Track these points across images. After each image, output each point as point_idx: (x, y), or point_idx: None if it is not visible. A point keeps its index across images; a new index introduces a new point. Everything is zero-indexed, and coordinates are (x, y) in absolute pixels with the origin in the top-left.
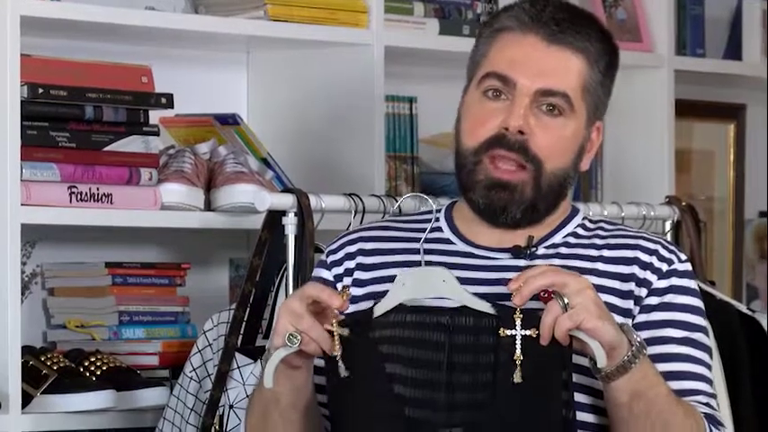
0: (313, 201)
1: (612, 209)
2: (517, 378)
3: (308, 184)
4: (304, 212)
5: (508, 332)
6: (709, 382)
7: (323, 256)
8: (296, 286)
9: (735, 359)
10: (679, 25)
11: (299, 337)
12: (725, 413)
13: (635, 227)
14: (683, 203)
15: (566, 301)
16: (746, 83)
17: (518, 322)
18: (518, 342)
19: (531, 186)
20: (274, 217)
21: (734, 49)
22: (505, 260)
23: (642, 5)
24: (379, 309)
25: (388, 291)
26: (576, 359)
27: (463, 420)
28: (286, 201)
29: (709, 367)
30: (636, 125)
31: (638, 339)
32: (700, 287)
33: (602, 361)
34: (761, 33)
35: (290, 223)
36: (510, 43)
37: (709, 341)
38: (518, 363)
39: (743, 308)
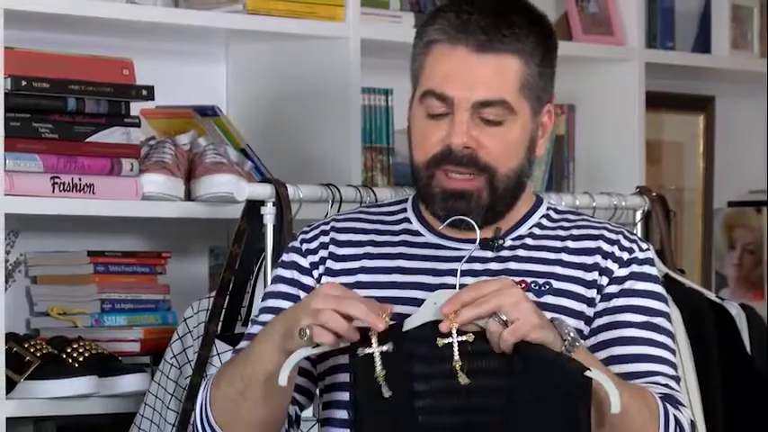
0: (291, 191)
1: (584, 199)
2: (463, 380)
3: (286, 175)
4: (282, 202)
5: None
6: (670, 364)
7: (295, 243)
8: None
9: (704, 346)
10: (649, 19)
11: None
12: (695, 400)
13: (606, 216)
14: (654, 194)
15: (504, 318)
16: (715, 75)
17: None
18: (456, 353)
19: (486, 191)
20: (253, 207)
21: (703, 43)
22: (474, 251)
23: None
24: (407, 325)
25: (358, 282)
26: None
27: None
28: (264, 191)
29: (671, 351)
30: (607, 117)
31: (570, 335)
32: (669, 275)
33: (616, 406)
34: (729, 27)
35: (268, 213)
36: (441, 57)
37: (671, 326)
38: (458, 367)
39: (712, 296)
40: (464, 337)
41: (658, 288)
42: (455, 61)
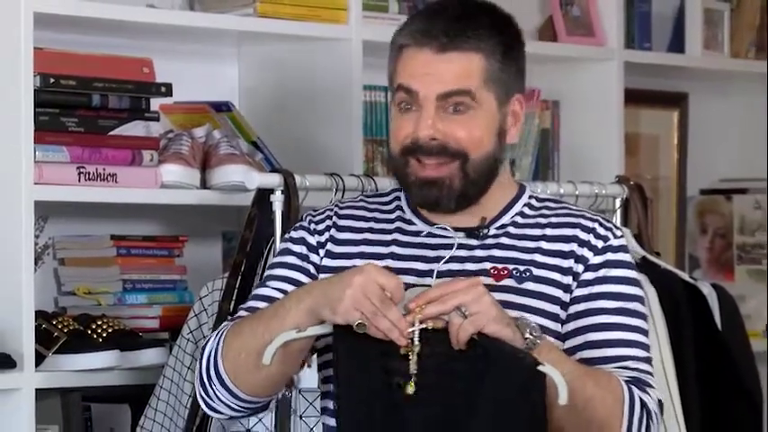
0: (298, 180)
1: (568, 187)
2: (413, 367)
3: (293, 165)
4: (290, 190)
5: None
6: (642, 346)
7: (304, 223)
8: None
9: (678, 323)
10: (628, 21)
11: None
12: (670, 374)
13: (587, 203)
14: (632, 182)
15: (465, 311)
16: (689, 74)
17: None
18: (416, 339)
19: (458, 177)
20: (263, 194)
21: (678, 43)
22: (461, 239)
23: (595, 3)
24: None
25: (354, 266)
26: None
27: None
28: (273, 180)
29: (643, 333)
30: (589, 112)
31: (533, 334)
32: (646, 258)
33: (563, 398)
34: (702, 29)
35: (277, 200)
36: (409, 59)
37: (645, 308)
38: (416, 351)
39: (686, 276)
40: (424, 325)
41: (632, 273)
42: (421, 62)
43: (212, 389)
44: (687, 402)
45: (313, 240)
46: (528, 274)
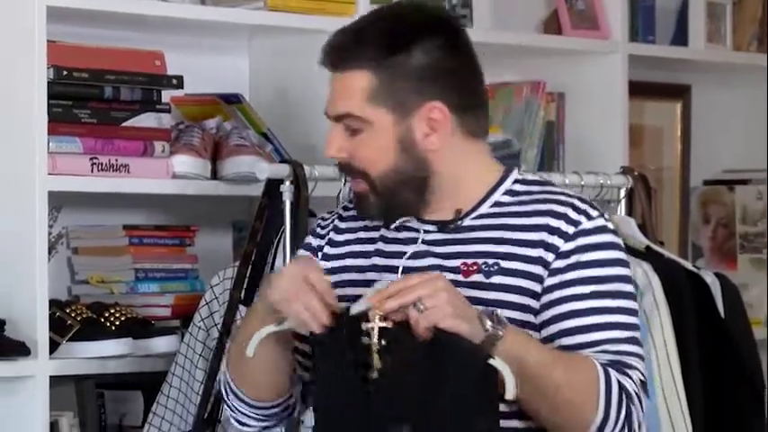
0: (307, 170)
1: (573, 178)
2: (377, 363)
3: (302, 156)
4: (299, 181)
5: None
6: (623, 327)
7: (313, 226)
8: (293, 246)
9: (682, 312)
10: (632, 14)
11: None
12: (674, 360)
13: (592, 193)
14: (636, 173)
15: (421, 307)
16: (692, 66)
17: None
18: (375, 336)
19: (372, 193)
20: (273, 185)
21: (681, 36)
22: (433, 233)
23: None
24: (353, 309)
25: (344, 266)
26: None
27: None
28: (283, 170)
29: (625, 312)
30: (594, 104)
31: (495, 326)
32: (650, 247)
33: (510, 393)
34: (705, 22)
35: (286, 190)
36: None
37: (629, 287)
38: (374, 349)
39: (689, 265)
40: (384, 323)
41: (611, 254)
42: (330, 81)
43: (231, 402)
44: (690, 389)
45: (316, 244)
46: (496, 267)
